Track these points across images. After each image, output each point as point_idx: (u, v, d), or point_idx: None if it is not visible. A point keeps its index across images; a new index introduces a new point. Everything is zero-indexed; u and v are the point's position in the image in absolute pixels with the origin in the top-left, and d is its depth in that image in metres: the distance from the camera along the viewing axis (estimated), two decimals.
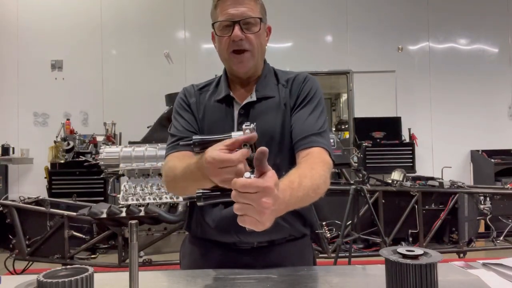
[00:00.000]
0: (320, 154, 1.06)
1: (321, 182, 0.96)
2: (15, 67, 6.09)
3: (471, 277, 0.97)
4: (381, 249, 0.88)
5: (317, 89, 1.19)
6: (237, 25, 1.10)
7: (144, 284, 0.80)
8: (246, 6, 1.11)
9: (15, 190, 5.81)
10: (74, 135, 5.51)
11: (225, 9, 1.11)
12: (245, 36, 1.11)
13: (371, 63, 6.17)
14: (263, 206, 0.70)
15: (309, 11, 6.20)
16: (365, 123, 5.73)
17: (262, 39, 1.16)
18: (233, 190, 0.71)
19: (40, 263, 3.16)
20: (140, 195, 3.10)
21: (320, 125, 1.13)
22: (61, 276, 0.72)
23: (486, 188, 3.73)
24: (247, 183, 0.69)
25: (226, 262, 1.12)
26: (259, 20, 1.13)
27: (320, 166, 1.01)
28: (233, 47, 1.12)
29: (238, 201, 0.71)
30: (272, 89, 1.20)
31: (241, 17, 1.10)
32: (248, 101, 1.17)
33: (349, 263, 2.93)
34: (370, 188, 3.48)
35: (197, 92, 1.24)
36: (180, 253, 1.30)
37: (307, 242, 1.24)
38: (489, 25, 6.30)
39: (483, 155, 5.77)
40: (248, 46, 1.12)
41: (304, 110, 1.15)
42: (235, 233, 1.11)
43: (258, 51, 1.15)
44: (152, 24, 6.18)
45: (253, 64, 1.16)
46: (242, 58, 1.13)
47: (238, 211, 0.72)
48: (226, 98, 1.18)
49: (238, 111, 1.16)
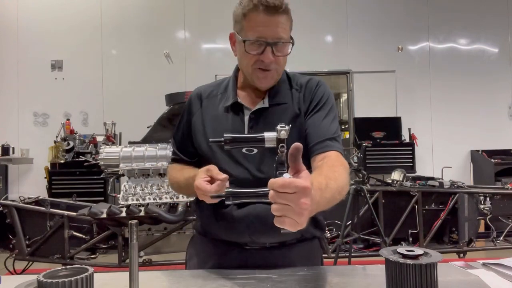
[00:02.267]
0: (338, 158, 1.07)
1: (345, 184, 0.97)
2: (15, 67, 6.09)
3: (471, 277, 0.97)
4: (381, 249, 0.88)
5: (329, 94, 1.20)
6: (269, 48, 1.07)
7: (144, 284, 0.80)
8: (280, 26, 1.07)
9: (15, 190, 5.81)
10: (74, 135, 5.51)
11: (257, 25, 1.06)
12: (274, 58, 1.09)
13: (371, 63, 6.17)
14: (302, 207, 0.68)
15: (309, 11, 6.20)
16: (365, 123, 5.72)
17: (287, 56, 1.15)
18: (271, 190, 0.69)
19: (40, 263, 3.15)
20: (140, 195, 3.10)
21: (334, 130, 1.13)
22: (61, 276, 0.72)
23: (486, 188, 3.72)
24: (285, 183, 0.67)
25: (236, 263, 1.12)
26: (290, 43, 1.11)
27: (341, 169, 1.01)
28: (260, 65, 1.11)
29: (277, 202, 0.69)
30: (285, 96, 1.19)
31: (274, 39, 1.07)
32: (261, 106, 1.16)
33: (349, 263, 2.93)
34: (370, 188, 3.48)
35: (205, 98, 1.24)
36: (186, 253, 1.30)
37: (316, 245, 1.24)
38: (489, 25, 6.30)
39: (483, 155, 5.77)
40: (275, 67, 1.12)
41: (318, 114, 1.15)
42: (248, 233, 1.11)
43: (282, 68, 1.15)
44: (152, 24, 6.18)
45: (275, 79, 1.16)
46: (267, 75, 1.12)
47: (276, 212, 0.69)
48: (234, 104, 1.18)
49: (249, 116, 1.16)
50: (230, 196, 0.87)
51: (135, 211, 2.87)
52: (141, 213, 2.89)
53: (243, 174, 1.12)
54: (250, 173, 1.12)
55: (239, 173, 1.12)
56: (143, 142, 3.65)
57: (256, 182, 1.06)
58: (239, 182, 1.10)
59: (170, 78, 5.91)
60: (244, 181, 1.10)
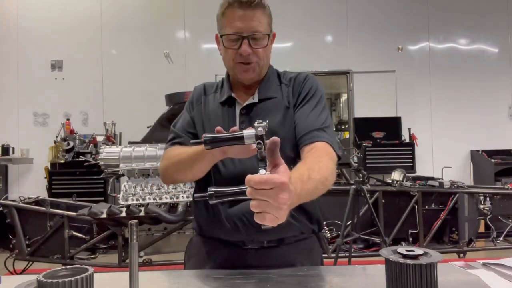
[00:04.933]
0: (325, 148, 1.08)
1: (329, 174, 0.97)
2: (15, 67, 6.08)
3: (471, 277, 0.97)
4: (381, 249, 0.88)
5: (318, 86, 1.21)
6: (246, 41, 1.11)
7: (144, 284, 0.80)
8: (256, 20, 1.11)
9: (15, 190, 5.81)
10: (74, 135, 5.51)
11: (234, 21, 1.10)
12: (252, 51, 1.12)
13: (371, 63, 6.17)
14: (280, 202, 0.69)
15: (309, 11, 6.20)
16: (365, 123, 5.72)
17: (268, 50, 1.18)
18: (249, 187, 0.69)
19: (40, 263, 3.15)
20: (140, 195, 3.10)
21: (323, 121, 1.14)
22: (61, 276, 0.72)
23: (486, 188, 3.73)
24: (262, 180, 0.67)
25: (235, 262, 1.12)
26: (267, 35, 1.14)
27: (327, 159, 1.03)
28: (240, 59, 1.14)
29: (255, 198, 0.69)
30: (274, 90, 1.22)
31: (249, 32, 1.10)
32: (250, 102, 1.19)
33: (349, 263, 2.93)
34: (370, 188, 3.48)
35: (208, 93, 1.28)
36: (185, 254, 1.30)
37: (315, 242, 1.25)
38: (489, 25, 6.30)
39: (483, 155, 5.77)
40: (255, 59, 1.14)
41: (306, 106, 1.17)
42: (244, 231, 1.11)
43: (264, 61, 1.17)
44: (152, 24, 6.18)
45: (258, 73, 1.18)
46: (247, 68, 1.15)
47: (255, 209, 0.70)
48: (228, 99, 1.21)
49: (240, 111, 1.19)
50: (213, 196, 0.86)
51: (135, 211, 2.87)
52: (141, 213, 2.89)
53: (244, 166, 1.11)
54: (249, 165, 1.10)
55: (237, 168, 1.13)
56: (143, 142, 3.65)
57: None
58: (237, 177, 1.09)
59: (170, 78, 5.91)
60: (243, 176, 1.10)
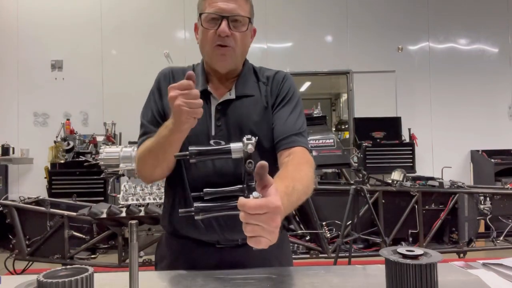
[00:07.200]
0: (304, 154, 1.09)
1: (310, 183, 1.00)
2: (15, 67, 6.08)
3: (471, 277, 0.97)
4: (381, 249, 0.88)
5: (295, 88, 1.22)
6: (225, 21, 1.09)
7: (144, 284, 0.80)
8: (237, 3, 1.10)
9: (15, 190, 5.80)
10: (74, 135, 5.51)
11: (215, 2, 1.10)
12: (231, 33, 1.10)
13: (371, 63, 6.17)
14: (274, 226, 0.69)
15: (309, 11, 6.20)
16: (365, 123, 5.73)
17: (247, 39, 1.16)
18: (242, 212, 0.69)
19: (40, 263, 3.15)
20: (140, 195, 3.10)
21: (300, 125, 1.15)
22: (61, 276, 0.72)
23: (486, 188, 3.73)
24: (257, 205, 0.67)
25: (209, 261, 1.12)
26: (247, 19, 1.13)
27: (307, 167, 1.04)
28: (217, 41, 1.10)
29: (249, 223, 0.69)
30: (251, 88, 1.19)
31: (230, 13, 1.09)
32: (227, 98, 1.16)
33: (349, 263, 2.93)
34: (370, 188, 3.47)
35: (173, 80, 1.20)
36: (156, 255, 1.26)
37: (285, 236, 1.27)
38: (489, 25, 6.30)
39: (483, 155, 5.77)
40: (232, 44, 1.11)
41: (284, 109, 1.17)
42: (219, 230, 1.11)
43: (241, 50, 1.14)
44: (152, 24, 6.18)
45: (234, 61, 1.15)
46: (225, 51, 1.11)
47: (250, 234, 0.70)
48: (203, 92, 1.11)
49: (216, 107, 1.15)
50: (200, 212, 0.84)
51: (135, 211, 2.87)
52: (141, 213, 2.89)
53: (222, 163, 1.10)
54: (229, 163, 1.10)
55: (209, 169, 1.11)
56: None
57: (237, 174, 1.06)
58: (220, 173, 1.10)
59: None
60: (225, 172, 1.10)
